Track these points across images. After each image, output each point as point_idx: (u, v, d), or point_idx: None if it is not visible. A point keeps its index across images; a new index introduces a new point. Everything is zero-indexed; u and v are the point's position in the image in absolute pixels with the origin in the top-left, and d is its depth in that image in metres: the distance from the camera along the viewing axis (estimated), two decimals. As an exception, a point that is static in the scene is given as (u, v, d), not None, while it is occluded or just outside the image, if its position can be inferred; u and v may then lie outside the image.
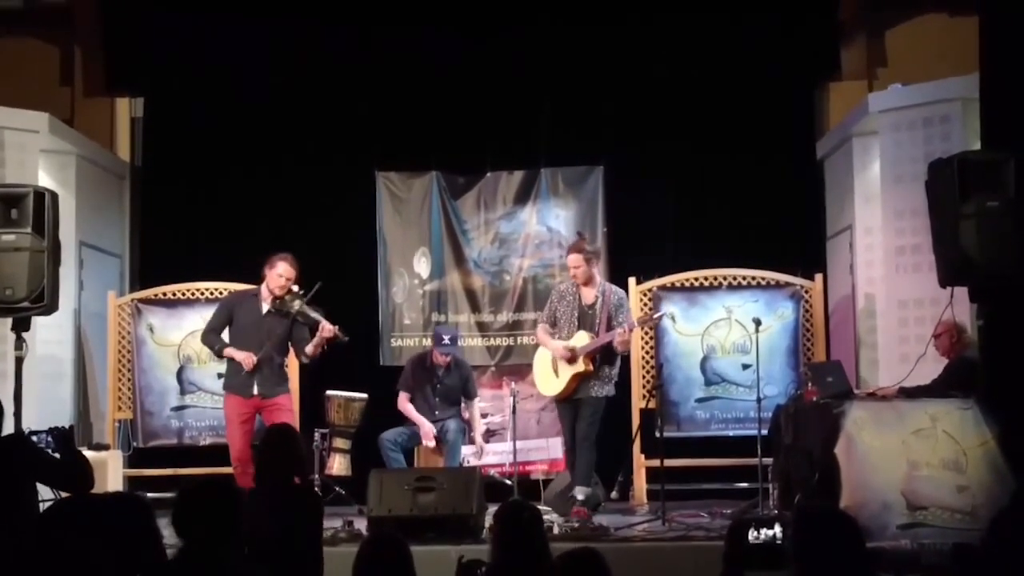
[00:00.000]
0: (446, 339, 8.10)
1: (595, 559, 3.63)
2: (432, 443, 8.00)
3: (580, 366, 7.12)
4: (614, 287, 7.43)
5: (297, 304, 7.05)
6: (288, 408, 7.24)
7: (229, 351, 7.13)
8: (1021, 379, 6.25)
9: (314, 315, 7.03)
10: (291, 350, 7.29)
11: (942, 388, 6.75)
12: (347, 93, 9.23)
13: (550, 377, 7.35)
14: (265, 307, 7.16)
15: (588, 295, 7.27)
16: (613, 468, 7.75)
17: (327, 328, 6.95)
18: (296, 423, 7.74)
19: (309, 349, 7.09)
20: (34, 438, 4.85)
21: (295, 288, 7.10)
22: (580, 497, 7.09)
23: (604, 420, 7.29)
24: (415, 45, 9.10)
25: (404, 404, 8.13)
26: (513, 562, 3.95)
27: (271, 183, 9.22)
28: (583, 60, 9.10)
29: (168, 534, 3.49)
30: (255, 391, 7.09)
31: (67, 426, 4.86)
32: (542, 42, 9.04)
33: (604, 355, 7.17)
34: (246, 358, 7.00)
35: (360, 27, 9.15)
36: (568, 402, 7.29)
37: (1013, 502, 5.76)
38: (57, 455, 4.73)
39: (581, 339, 7.16)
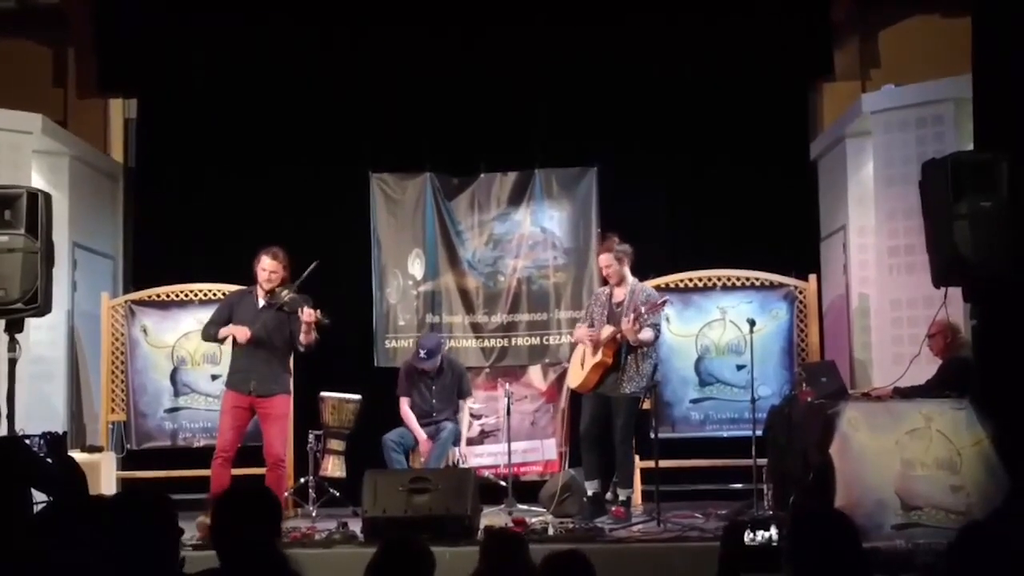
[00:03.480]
0: (422, 353, 8.05)
1: (580, 561, 3.61)
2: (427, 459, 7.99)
3: (599, 356, 7.22)
4: (645, 286, 7.53)
5: (284, 295, 7.13)
6: (282, 413, 7.25)
7: (224, 330, 7.22)
8: (1015, 379, 6.25)
9: (296, 302, 7.07)
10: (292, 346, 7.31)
11: (936, 388, 6.76)
12: (341, 94, 9.23)
13: (576, 369, 7.49)
14: (261, 302, 7.25)
15: (619, 294, 7.40)
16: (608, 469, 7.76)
17: (307, 313, 6.99)
18: (290, 427, 7.75)
19: (301, 338, 7.12)
20: (26, 441, 4.83)
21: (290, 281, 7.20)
22: (622, 498, 7.25)
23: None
24: (409, 46, 9.10)
25: (405, 412, 8.12)
26: None
27: (265, 185, 9.22)
28: (577, 61, 9.11)
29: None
30: (251, 388, 7.14)
31: (60, 432, 4.85)
32: (536, 43, 9.05)
33: (628, 350, 7.22)
34: (240, 331, 7.12)
35: (354, 28, 9.16)
36: (594, 396, 7.35)
37: (1007, 502, 5.79)
38: (49, 460, 4.71)
39: (605, 332, 7.26)
